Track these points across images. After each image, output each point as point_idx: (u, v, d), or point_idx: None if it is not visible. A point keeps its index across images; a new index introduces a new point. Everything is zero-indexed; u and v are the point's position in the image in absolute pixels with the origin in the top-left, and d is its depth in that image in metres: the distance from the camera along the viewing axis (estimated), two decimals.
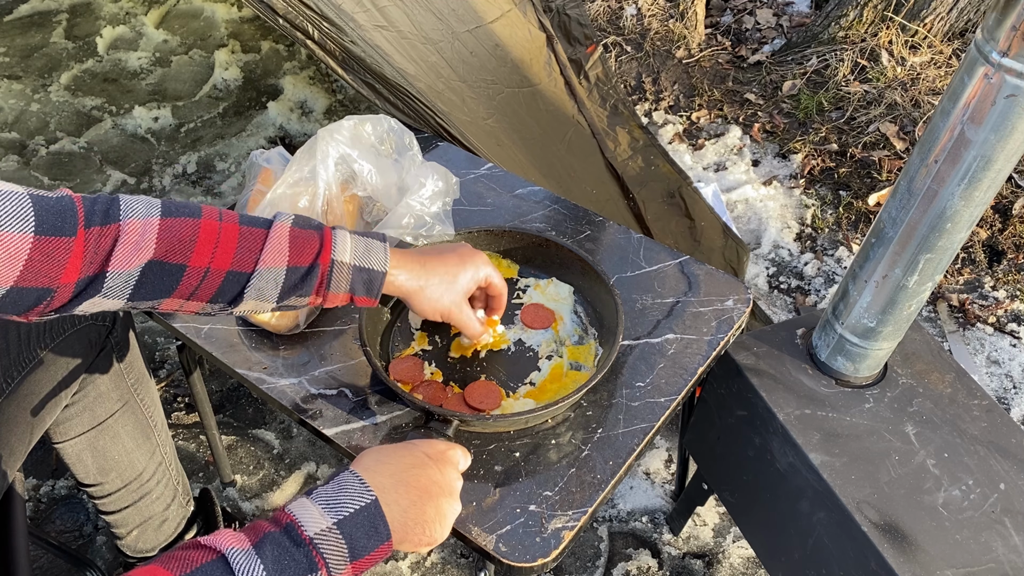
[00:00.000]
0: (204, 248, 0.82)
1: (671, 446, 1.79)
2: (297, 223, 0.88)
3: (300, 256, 0.86)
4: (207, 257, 0.82)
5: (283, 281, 0.86)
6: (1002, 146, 0.87)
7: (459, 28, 1.81)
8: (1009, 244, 2.25)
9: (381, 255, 0.91)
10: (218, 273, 0.83)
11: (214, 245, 0.83)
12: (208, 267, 0.83)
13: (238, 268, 0.84)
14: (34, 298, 0.75)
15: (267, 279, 0.85)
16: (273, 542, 0.66)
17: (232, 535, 0.66)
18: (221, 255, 0.83)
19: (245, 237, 0.84)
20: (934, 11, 2.73)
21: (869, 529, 1.01)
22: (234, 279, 0.84)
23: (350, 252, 0.89)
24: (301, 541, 0.67)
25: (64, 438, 1.21)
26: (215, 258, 0.83)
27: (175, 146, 2.62)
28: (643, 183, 2.02)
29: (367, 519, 0.71)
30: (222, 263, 0.83)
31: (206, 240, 0.82)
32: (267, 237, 0.85)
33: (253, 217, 0.88)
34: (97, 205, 0.78)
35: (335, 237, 0.89)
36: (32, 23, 3.13)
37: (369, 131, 1.21)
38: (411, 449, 0.81)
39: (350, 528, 0.69)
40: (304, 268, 0.87)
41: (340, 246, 0.89)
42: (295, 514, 0.69)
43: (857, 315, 1.10)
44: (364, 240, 0.91)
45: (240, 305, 0.87)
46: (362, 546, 0.70)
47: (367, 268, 0.90)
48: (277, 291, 0.86)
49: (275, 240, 0.85)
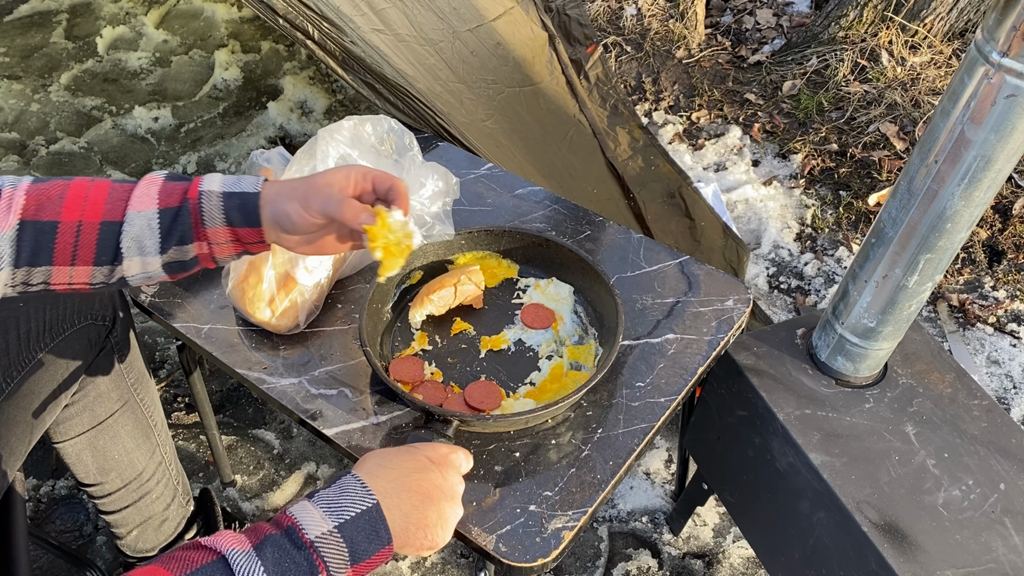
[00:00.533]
0: (73, 203, 0.82)
1: (671, 446, 1.79)
2: (170, 177, 0.87)
3: (169, 197, 0.85)
4: (77, 211, 0.82)
5: (157, 225, 0.84)
6: (1002, 146, 0.87)
7: (460, 27, 1.81)
8: (1009, 244, 2.25)
9: (252, 180, 0.88)
10: (91, 226, 0.83)
11: (83, 199, 0.83)
12: (80, 220, 0.82)
13: (109, 218, 0.83)
14: None
15: (140, 225, 0.83)
16: (274, 544, 0.66)
17: (233, 536, 0.66)
18: (91, 207, 0.83)
19: (115, 190, 0.84)
20: (934, 11, 2.73)
21: (869, 529, 1.01)
22: (108, 231, 0.83)
23: (219, 182, 0.86)
24: (302, 544, 0.67)
25: (64, 438, 1.21)
26: (85, 211, 0.83)
27: (175, 146, 2.62)
28: (643, 183, 2.02)
29: (368, 523, 0.71)
30: (93, 214, 0.83)
31: (75, 196, 0.83)
32: (135, 186, 0.85)
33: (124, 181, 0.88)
34: None
35: (204, 176, 0.87)
36: (32, 23, 3.13)
37: (369, 131, 1.21)
38: (413, 453, 0.81)
39: (351, 532, 0.69)
40: (175, 207, 0.84)
41: (208, 180, 0.87)
42: (296, 516, 0.69)
43: (857, 315, 1.10)
44: (235, 176, 0.89)
45: (125, 263, 0.85)
46: (363, 550, 0.70)
47: (238, 192, 0.86)
48: (156, 239, 0.84)
49: (143, 186, 0.85)
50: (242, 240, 0.87)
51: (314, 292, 1.16)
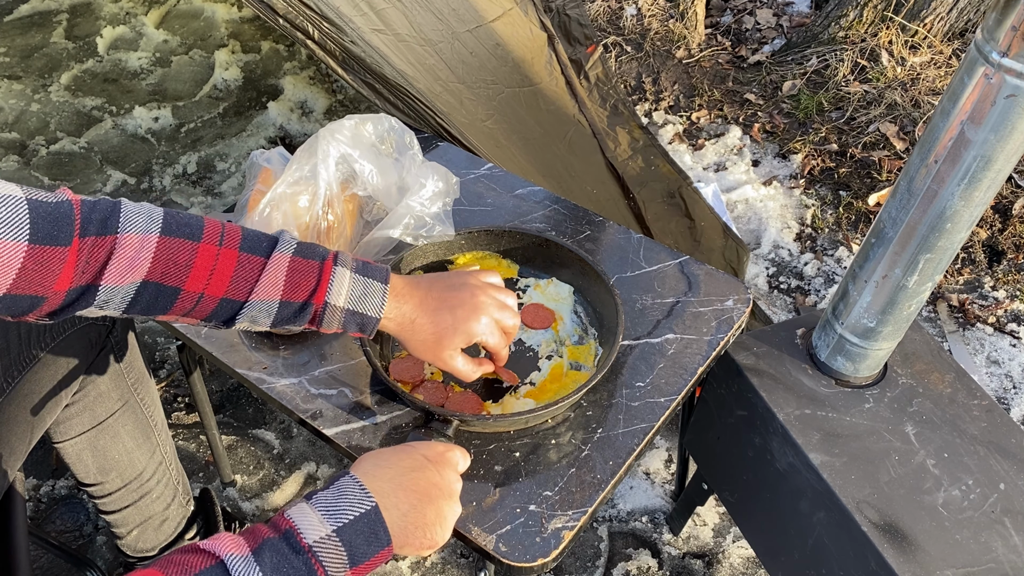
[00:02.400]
0: (200, 274, 0.81)
1: (671, 446, 1.79)
2: (299, 252, 0.86)
3: (294, 292, 0.85)
4: (202, 283, 0.82)
5: (275, 312, 0.85)
6: (1002, 146, 0.87)
7: (459, 28, 1.81)
8: (1009, 244, 2.25)
9: (377, 300, 0.88)
10: (212, 299, 0.83)
11: (210, 271, 0.82)
12: (203, 293, 0.82)
13: (232, 296, 0.84)
14: (27, 304, 0.74)
15: (259, 309, 0.85)
16: (272, 549, 0.66)
17: (231, 540, 0.66)
18: (216, 282, 0.82)
19: (242, 265, 0.83)
20: (934, 11, 2.73)
21: (869, 529, 1.01)
22: (227, 305, 0.84)
23: (345, 295, 0.87)
24: (300, 548, 0.67)
25: (64, 437, 1.21)
26: (210, 285, 0.82)
27: (175, 146, 2.62)
28: (643, 183, 2.02)
29: (367, 525, 0.71)
30: (216, 290, 0.83)
31: (203, 266, 0.81)
32: (264, 268, 0.84)
33: (255, 239, 0.86)
34: (96, 213, 0.76)
35: (333, 276, 0.86)
36: (32, 23, 3.13)
37: (370, 131, 1.21)
38: (410, 452, 0.81)
39: (350, 535, 0.69)
40: (297, 304, 0.86)
41: (336, 288, 0.86)
42: (294, 520, 0.69)
43: (857, 315, 1.10)
44: (363, 282, 0.88)
45: (235, 326, 0.87)
46: (362, 552, 0.69)
47: (360, 313, 0.88)
48: (270, 320, 0.86)
49: (271, 273, 0.84)
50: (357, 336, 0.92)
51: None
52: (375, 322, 0.89)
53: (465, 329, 0.91)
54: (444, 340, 0.91)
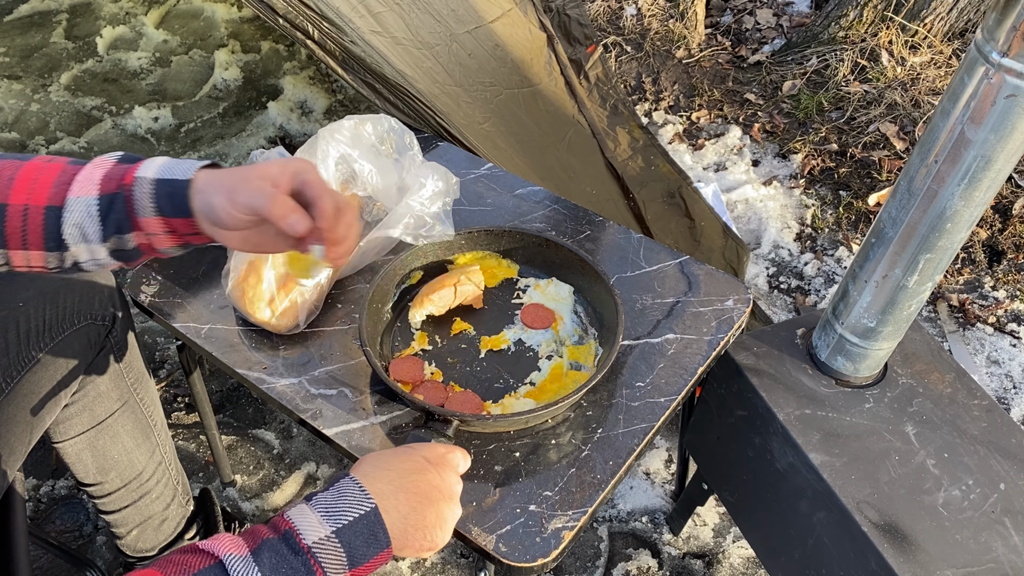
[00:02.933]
0: (22, 185, 0.78)
1: (671, 446, 1.79)
2: (122, 159, 0.81)
3: (110, 182, 0.79)
4: (24, 193, 0.78)
5: (96, 212, 0.79)
6: (1002, 146, 0.87)
7: (458, 29, 1.81)
8: (1009, 244, 2.25)
9: (191, 164, 0.80)
10: (36, 210, 0.79)
11: (32, 181, 0.78)
12: (26, 204, 0.78)
13: (53, 203, 0.79)
14: None
15: (80, 212, 0.79)
16: (271, 549, 0.66)
17: (231, 540, 0.66)
18: (38, 190, 0.78)
19: (64, 173, 0.79)
20: (934, 11, 2.73)
21: (869, 529, 1.01)
22: (51, 216, 0.79)
23: (157, 166, 0.80)
24: (299, 549, 0.67)
25: (64, 437, 1.21)
26: (32, 193, 0.78)
27: (175, 146, 2.62)
28: (643, 183, 2.02)
29: (366, 527, 0.70)
30: (39, 198, 0.78)
31: (25, 177, 0.79)
32: (82, 169, 0.80)
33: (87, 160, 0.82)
34: None
35: (143, 162, 0.81)
36: (32, 23, 3.13)
37: (369, 131, 1.21)
38: (410, 454, 0.80)
39: (349, 536, 0.69)
40: (111, 194, 0.79)
41: (147, 164, 0.80)
42: (294, 521, 0.69)
43: (857, 315, 1.10)
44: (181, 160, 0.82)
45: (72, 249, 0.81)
46: (361, 554, 0.69)
47: (169, 179, 0.79)
48: (97, 227, 0.79)
49: (89, 169, 0.80)
50: (178, 231, 0.81)
51: (314, 292, 1.16)
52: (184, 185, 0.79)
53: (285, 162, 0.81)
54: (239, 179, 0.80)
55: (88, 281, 1.13)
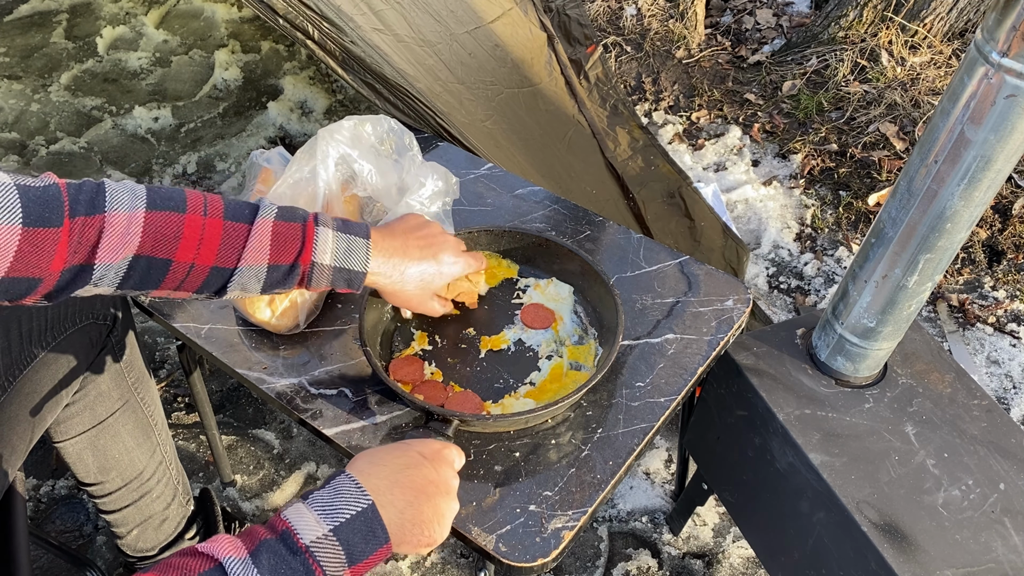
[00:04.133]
0: (188, 244, 0.84)
1: (671, 446, 1.79)
2: (280, 216, 0.89)
3: (281, 255, 0.88)
4: (192, 253, 0.85)
5: (264, 277, 0.89)
6: (1002, 146, 0.87)
7: (457, 30, 1.81)
8: (1009, 244, 2.25)
9: (362, 255, 0.93)
10: (202, 269, 0.86)
11: (198, 241, 0.85)
12: (193, 263, 0.85)
13: (221, 264, 0.87)
14: (24, 287, 0.77)
15: (249, 275, 0.88)
16: (269, 550, 0.66)
17: (229, 542, 0.66)
18: (205, 251, 0.85)
19: (228, 233, 0.86)
20: (934, 11, 2.73)
21: (869, 529, 1.01)
22: (218, 274, 0.87)
23: (331, 253, 0.91)
24: (297, 549, 0.67)
25: (64, 437, 1.21)
26: (199, 254, 0.85)
27: (175, 146, 2.62)
28: (643, 183, 2.02)
29: (364, 524, 0.70)
30: (206, 259, 0.86)
31: (190, 236, 0.84)
32: (249, 234, 0.87)
33: (237, 207, 0.88)
34: (82, 194, 0.79)
35: (316, 237, 0.90)
36: (32, 23, 3.13)
37: (369, 131, 1.21)
38: (405, 450, 0.81)
39: (347, 534, 0.69)
40: (285, 267, 0.89)
41: (321, 247, 0.90)
42: (291, 521, 0.69)
43: (857, 315, 1.10)
44: (346, 239, 0.92)
45: (226, 295, 0.90)
46: (360, 551, 0.69)
47: (347, 269, 0.92)
48: (260, 285, 0.89)
49: (256, 238, 0.87)
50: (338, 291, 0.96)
51: (314, 292, 1.16)
52: (362, 276, 0.94)
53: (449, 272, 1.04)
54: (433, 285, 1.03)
55: None
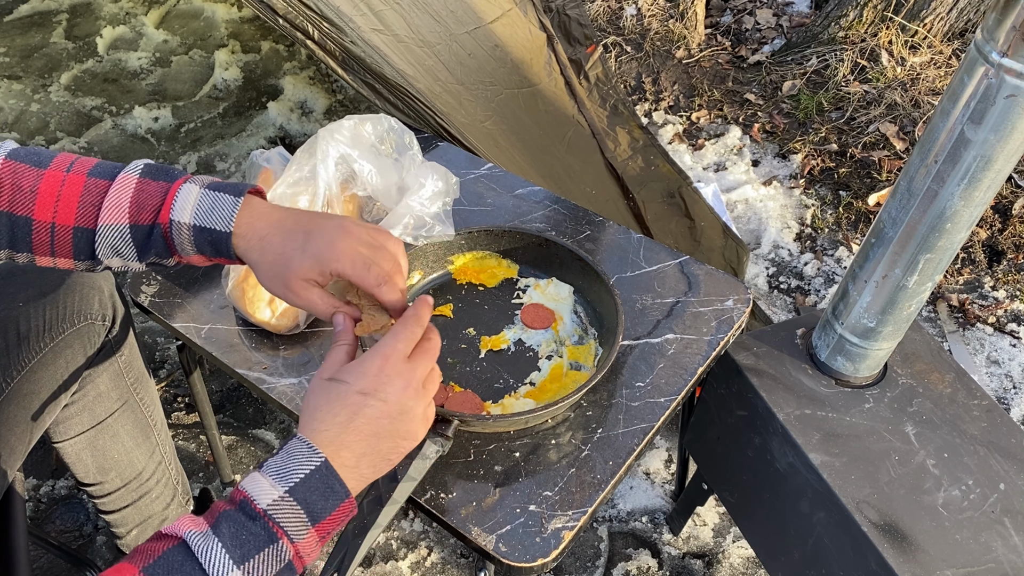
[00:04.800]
0: (46, 200, 0.78)
1: (671, 446, 1.79)
2: (147, 173, 0.81)
3: (141, 213, 0.80)
4: (50, 211, 0.78)
5: (130, 238, 0.80)
6: (1002, 146, 0.87)
7: (457, 30, 1.81)
8: (1009, 244, 2.25)
9: (226, 211, 0.80)
10: (64, 229, 0.79)
11: (56, 197, 0.78)
12: (53, 222, 0.79)
13: (82, 224, 0.79)
14: None
15: (113, 236, 0.80)
16: (229, 520, 0.66)
17: (191, 519, 0.67)
18: (64, 209, 0.78)
19: (88, 190, 0.79)
20: (934, 11, 2.73)
21: (869, 529, 1.01)
22: (82, 236, 0.80)
23: (191, 210, 0.80)
24: (256, 515, 0.67)
25: (64, 437, 1.21)
26: (58, 212, 0.78)
27: (175, 146, 2.62)
28: (643, 183, 2.02)
29: (320, 480, 0.70)
30: (66, 218, 0.79)
31: (47, 191, 0.78)
32: (108, 190, 0.79)
33: (106, 167, 0.81)
34: None
35: (179, 193, 0.80)
36: (32, 23, 3.13)
37: (369, 131, 1.21)
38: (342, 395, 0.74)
39: (303, 493, 0.69)
40: (147, 226, 0.80)
41: (181, 202, 0.80)
42: (247, 489, 0.69)
43: (857, 315, 1.10)
44: (212, 195, 0.81)
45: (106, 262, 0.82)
46: (320, 508, 0.69)
47: (208, 228, 0.80)
48: (132, 250, 0.81)
49: (116, 194, 0.79)
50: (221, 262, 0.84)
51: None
52: (226, 236, 0.80)
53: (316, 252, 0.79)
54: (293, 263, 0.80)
55: (88, 281, 1.13)
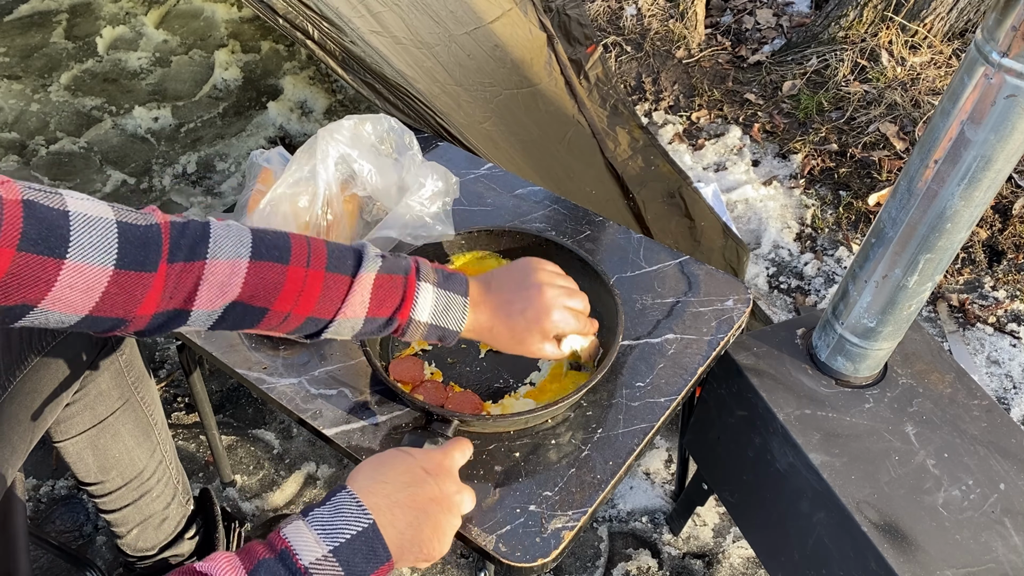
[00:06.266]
0: (288, 296, 0.82)
1: (671, 446, 1.79)
2: (384, 269, 0.87)
3: (380, 308, 0.87)
4: (290, 304, 0.83)
5: (360, 327, 0.88)
6: (1002, 146, 0.87)
7: (457, 31, 1.81)
8: (1009, 244, 2.25)
9: (458, 314, 0.91)
10: (298, 317, 0.85)
11: (298, 293, 0.83)
12: (290, 312, 0.84)
13: (318, 315, 0.85)
14: (108, 325, 0.75)
15: (345, 326, 0.87)
16: (268, 571, 0.65)
17: (227, 561, 0.65)
18: (304, 303, 0.84)
19: (328, 286, 0.84)
20: (934, 11, 2.73)
21: (869, 529, 1.01)
22: (313, 323, 0.86)
23: (429, 311, 0.89)
24: (296, 570, 0.66)
25: (65, 436, 1.21)
26: (297, 305, 0.83)
27: (175, 146, 2.62)
28: (643, 183, 2.02)
29: (365, 543, 0.69)
30: (303, 310, 0.84)
31: (291, 288, 0.82)
32: (350, 288, 0.85)
33: (341, 257, 0.86)
34: (184, 238, 0.76)
35: (417, 293, 0.89)
36: (32, 23, 3.13)
37: (369, 131, 1.21)
38: (409, 465, 0.79)
39: (348, 554, 0.68)
40: (382, 320, 0.88)
41: (420, 304, 0.89)
42: (290, 540, 0.68)
43: (857, 315, 1.10)
44: (445, 296, 0.91)
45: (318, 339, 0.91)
46: (360, 571, 0.68)
47: (442, 327, 0.91)
48: (354, 333, 0.89)
49: (357, 293, 0.85)
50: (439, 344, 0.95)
51: None
52: (456, 335, 0.92)
53: (540, 328, 0.95)
54: (525, 341, 0.95)
55: None
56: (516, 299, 0.95)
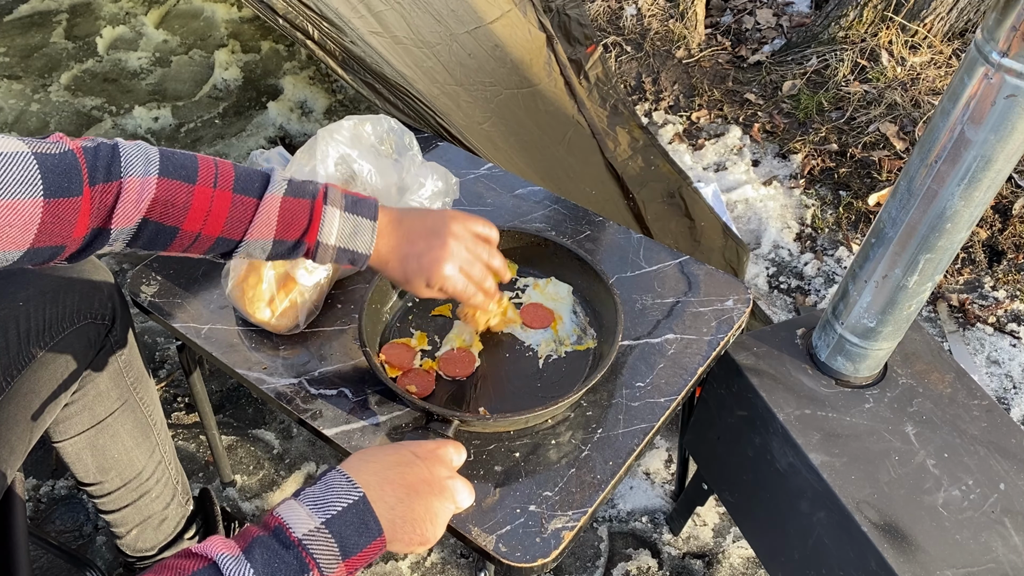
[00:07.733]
0: (196, 215, 0.86)
1: (671, 446, 1.79)
2: (290, 192, 0.90)
3: (287, 231, 0.90)
4: (199, 224, 0.86)
5: (270, 249, 0.91)
6: (1002, 146, 0.87)
7: (457, 30, 1.81)
8: (1009, 244, 2.25)
9: (367, 237, 0.93)
10: (209, 238, 0.88)
11: (206, 212, 0.86)
12: (199, 232, 0.87)
13: (228, 236, 0.89)
14: (48, 254, 0.79)
15: (255, 247, 0.90)
16: (262, 546, 0.66)
17: (222, 542, 0.67)
18: (212, 222, 0.87)
19: (236, 207, 0.88)
20: (934, 11, 2.73)
21: (869, 529, 1.01)
22: (224, 243, 0.89)
23: (336, 234, 0.92)
24: (290, 543, 0.67)
25: (64, 437, 1.21)
26: (206, 225, 0.87)
27: (175, 146, 2.62)
28: (643, 183, 2.02)
29: (356, 516, 0.71)
30: (213, 230, 0.88)
31: (199, 208, 0.86)
32: (257, 209, 0.88)
33: (248, 179, 0.89)
34: (99, 159, 0.80)
35: (324, 216, 0.91)
36: (32, 23, 3.13)
37: (369, 131, 1.21)
38: (398, 449, 0.81)
39: (339, 526, 0.69)
40: (290, 242, 0.91)
41: (327, 227, 0.91)
42: (283, 516, 0.69)
43: (857, 315, 1.10)
44: (353, 220, 0.93)
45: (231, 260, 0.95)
46: (353, 543, 0.69)
47: (350, 250, 0.93)
48: (265, 254, 0.92)
49: (264, 213, 0.88)
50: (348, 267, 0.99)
51: (314, 292, 1.16)
52: (365, 258, 0.94)
53: (426, 278, 0.96)
54: (411, 282, 0.97)
55: (88, 280, 1.13)
56: (419, 241, 0.96)
